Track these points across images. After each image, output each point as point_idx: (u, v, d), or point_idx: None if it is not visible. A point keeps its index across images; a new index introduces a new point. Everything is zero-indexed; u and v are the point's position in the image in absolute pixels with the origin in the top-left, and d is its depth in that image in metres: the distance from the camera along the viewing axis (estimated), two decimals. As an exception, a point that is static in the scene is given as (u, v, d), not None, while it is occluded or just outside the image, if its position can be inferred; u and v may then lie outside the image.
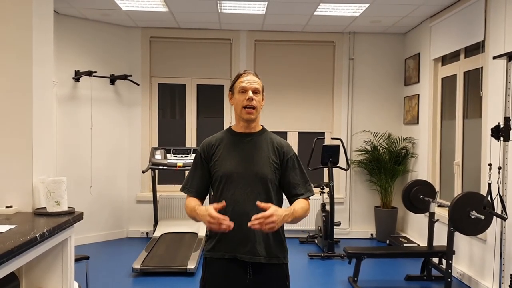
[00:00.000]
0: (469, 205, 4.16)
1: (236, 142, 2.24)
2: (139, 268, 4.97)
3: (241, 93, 2.20)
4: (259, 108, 2.23)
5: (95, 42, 6.38)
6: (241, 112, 2.20)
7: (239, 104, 2.20)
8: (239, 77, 2.25)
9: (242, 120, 2.23)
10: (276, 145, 2.25)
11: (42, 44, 3.05)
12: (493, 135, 3.90)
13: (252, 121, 2.23)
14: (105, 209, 6.56)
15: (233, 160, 2.19)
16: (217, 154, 2.22)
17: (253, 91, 2.19)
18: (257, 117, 2.24)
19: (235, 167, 2.17)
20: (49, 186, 2.76)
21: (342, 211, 6.89)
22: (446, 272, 4.53)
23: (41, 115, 3.00)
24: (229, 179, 2.17)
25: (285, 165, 2.23)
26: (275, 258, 2.17)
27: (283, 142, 2.29)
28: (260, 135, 2.27)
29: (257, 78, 2.24)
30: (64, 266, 2.73)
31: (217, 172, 2.20)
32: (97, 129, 6.41)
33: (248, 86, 2.19)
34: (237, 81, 2.24)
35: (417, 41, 6.40)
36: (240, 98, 2.20)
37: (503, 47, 4.30)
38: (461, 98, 5.29)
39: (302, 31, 6.76)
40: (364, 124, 6.93)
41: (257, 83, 2.22)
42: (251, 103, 2.17)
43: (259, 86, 2.22)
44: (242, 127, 2.26)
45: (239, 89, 2.21)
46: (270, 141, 2.26)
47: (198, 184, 2.26)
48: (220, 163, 2.20)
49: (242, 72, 2.27)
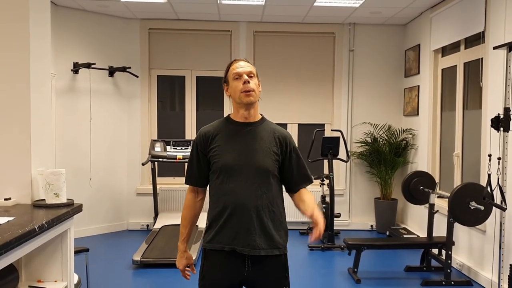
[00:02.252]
0: (468, 196, 4.16)
1: (235, 132, 2.18)
2: (140, 260, 4.99)
3: (236, 80, 2.15)
4: (258, 92, 2.17)
5: (93, 33, 6.35)
6: (240, 96, 2.14)
7: (237, 91, 2.14)
8: (230, 65, 2.21)
9: (242, 107, 2.17)
10: (277, 135, 2.20)
11: (40, 36, 3.03)
12: (493, 125, 3.89)
13: (252, 105, 2.16)
14: (105, 202, 6.57)
15: (232, 151, 2.14)
16: (215, 145, 2.17)
17: (247, 75, 2.14)
18: (256, 102, 2.18)
19: (235, 159, 2.12)
20: (48, 178, 2.75)
21: (342, 202, 6.90)
22: (446, 263, 4.54)
23: (39, 107, 2.99)
24: (229, 171, 2.12)
25: (286, 156, 2.20)
26: (276, 249, 2.15)
27: (284, 132, 2.25)
28: (260, 125, 2.21)
29: (249, 63, 2.20)
30: (64, 258, 2.73)
31: (216, 163, 2.15)
32: (96, 121, 6.40)
33: (242, 71, 2.14)
34: (229, 69, 2.20)
35: (417, 32, 6.37)
36: (237, 84, 2.14)
37: (503, 38, 4.27)
38: (461, 89, 5.27)
39: (302, 22, 6.73)
40: (364, 115, 6.91)
41: (250, 67, 2.17)
42: (248, 86, 2.12)
43: (253, 70, 2.17)
44: (242, 116, 2.19)
45: (233, 75, 2.16)
46: (271, 131, 2.21)
47: (199, 175, 2.24)
48: (219, 154, 2.14)
49: (232, 60, 2.23)
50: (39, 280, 2.71)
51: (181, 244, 2.29)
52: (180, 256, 2.30)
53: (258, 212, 2.11)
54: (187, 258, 2.31)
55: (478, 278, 4.64)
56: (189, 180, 2.27)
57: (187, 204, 2.29)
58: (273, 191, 2.16)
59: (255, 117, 2.22)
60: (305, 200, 2.19)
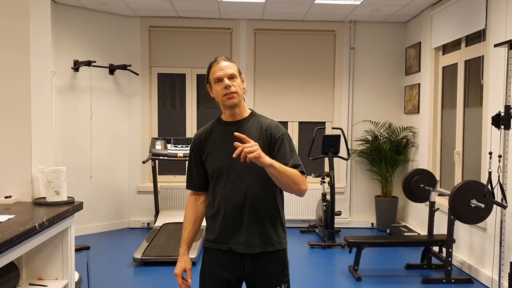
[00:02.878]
0: (469, 193, 4.16)
1: (224, 132, 2.17)
2: (140, 258, 4.99)
3: (218, 83, 2.13)
4: (241, 92, 2.15)
5: (94, 31, 6.34)
6: (223, 100, 2.12)
7: (219, 94, 2.13)
8: (210, 67, 2.18)
9: (226, 108, 2.16)
10: (264, 128, 2.16)
11: (40, 34, 3.03)
12: (494, 123, 3.88)
13: (236, 106, 2.14)
14: (106, 200, 6.57)
15: (223, 152, 2.14)
16: (207, 148, 2.19)
17: (229, 78, 2.11)
18: (240, 101, 2.16)
19: (223, 161, 2.13)
20: (48, 176, 2.75)
21: (343, 200, 6.90)
22: (446, 261, 4.54)
23: (39, 105, 2.99)
24: (220, 174, 2.14)
25: (273, 147, 2.14)
26: (270, 246, 2.14)
27: (271, 123, 2.19)
28: (248, 121, 2.19)
29: (229, 62, 2.16)
30: (65, 256, 2.73)
31: (208, 166, 2.18)
32: (96, 119, 6.40)
33: (222, 74, 2.11)
34: (210, 72, 2.17)
35: (418, 30, 6.36)
36: (218, 89, 2.12)
37: (504, 35, 4.27)
38: (462, 87, 5.26)
39: (302, 20, 6.72)
40: (365, 113, 6.91)
41: (231, 68, 2.13)
42: (229, 89, 2.10)
43: (234, 71, 2.13)
44: (229, 116, 2.19)
45: (215, 79, 2.14)
46: (259, 125, 2.18)
47: (198, 180, 2.26)
48: (210, 157, 2.17)
49: (212, 61, 2.19)
50: (40, 278, 2.71)
51: (181, 248, 2.26)
52: (179, 260, 2.26)
53: (250, 210, 2.11)
54: (184, 262, 2.24)
55: (479, 276, 4.64)
56: (189, 185, 2.30)
57: (188, 207, 2.31)
58: (266, 188, 2.14)
59: (242, 114, 2.20)
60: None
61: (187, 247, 2.26)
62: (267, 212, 2.15)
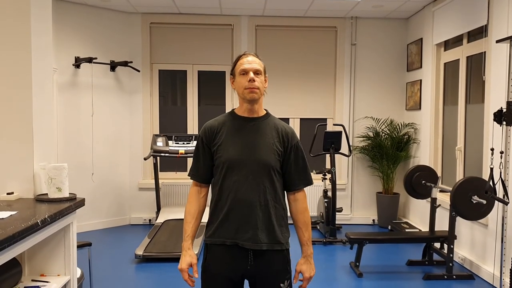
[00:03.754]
0: (471, 190, 4.16)
1: (239, 127, 2.18)
2: (142, 254, 5.00)
3: (242, 75, 2.14)
4: (262, 89, 2.17)
5: (95, 28, 6.34)
6: (244, 92, 2.14)
7: (241, 87, 2.14)
8: (239, 59, 2.19)
9: (245, 102, 2.17)
10: (281, 131, 2.20)
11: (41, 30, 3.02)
12: (496, 119, 3.88)
13: (256, 101, 2.16)
14: (107, 196, 6.58)
15: (235, 146, 2.14)
16: (219, 139, 2.17)
17: (254, 72, 2.13)
18: (260, 98, 2.18)
19: (237, 153, 2.13)
20: (50, 172, 2.75)
21: (344, 197, 6.90)
22: (448, 257, 4.55)
23: (41, 102, 2.99)
24: (231, 166, 2.13)
25: (288, 152, 2.19)
26: (278, 245, 2.16)
27: (287, 128, 2.24)
28: (263, 120, 2.21)
29: (258, 59, 2.19)
30: (67, 252, 2.73)
31: (219, 158, 2.15)
32: (98, 116, 6.40)
33: (249, 68, 2.13)
34: (237, 64, 2.18)
35: (420, 26, 6.35)
36: (242, 81, 2.14)
37: (506, 31, 4.25)
38: (464, 83, 5.26)
39: (303, 16, 6.71)
40: (366, 110, 6.90)
41: (258, 64, 2.16)
42: (253, 84, 2.12)
43: (260, 68, 2.16)
44: (246, 111, 2.20)
45: (240, 71, 2.15)
46: (274, 126, 2.20)
47: (204, 171, 2.24)
48: (222, 149, 2.15)
49: (242, 54, 2.21)
50: (42, 274, 2.72)
51: (185, 242, 2.19)
52: (183, 254, 2.19)
53: (260, 207, 2.12)
54: (190, 256, 2.18)
55: (480, 272, 4.64)
56: (194, 176, 2.26)
57: (191, 199, 2.26)
58: (276, 187, 2.16)
59: (259, 112, 2.22)
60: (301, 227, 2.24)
61: (191, 241, 2.22)
62: (275, 210, 2.16)
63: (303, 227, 2.22)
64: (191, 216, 2.23)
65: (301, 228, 2.22)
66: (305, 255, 2.22)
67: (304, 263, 2.21)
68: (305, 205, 2.24)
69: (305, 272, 2.20)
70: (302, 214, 2.22)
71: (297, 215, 2.23)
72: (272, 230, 2.14)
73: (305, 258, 2.22)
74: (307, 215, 2.24)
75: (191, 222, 2.23)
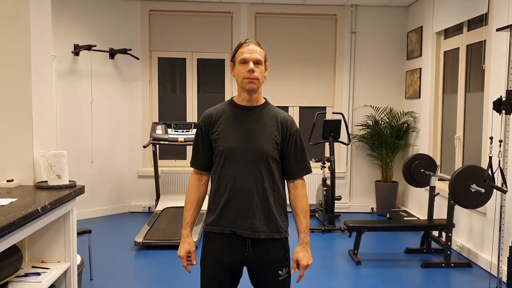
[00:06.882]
0: (469, 178, 4.17)
1: (238, 115, 2.17)
2: (141, 241, 5.03)
3: (242, 65, 2.12)
4: (262, 79, 2.15)
5: (94, 15, 6.30)
6: (242, 82, 2.12)
7: (240, 76, 2.12)
8: (239, 47, 2.16)
9: (244, 91, 2.16)
10: (279, 120, 2.19)
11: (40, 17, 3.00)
12: (495, 108, 3.88)
13: (254, 91, 2.15)
14: (107, 184, 6.60)
15: (234, 135, 2.14)
16: (218, 127, 2.17)
17: (254, 62, 2.10)
18: (259, 88, 2.16)
19: (236, 142, 2.12)
20: (50, 159, 2.76)
21: (343, 185, 6.92)
22: (446, 245, 4.57)
23: (40, 89, 2.98)
24: (230, 155, 2.13)
25: (286, 141, 2.18)
26: (277, 233, 2.17)
27: (287, 116, 2.23)
28: (263, 109, 2.20)
29: (259, 48, 2.15)
30: (67, 239, 2.75)
31: (218, 146, 2.15)
32: (97, 103, 6.39)
33: (249, 57, 2.10)
34: (238, 52, 2.15)
35: (420, 14, 6.32)
36: (241, 70, 2.12)
37: (506, 20, 4.24)
38: (464, 71, 5.24)
39: (303, 3, 6.67)
40: (366, 98, 6.89)
41: (258, 53, 2.13)
42: (252, 74, 2.10)
43: (261, 57, 2.13)
44: (244, 100, 2.18)
45: (240, 60, 2.12)
46: (273, 115, 2.19)
47: (203, 159, 2.24)
48: (221, 137, 2.15)
49: (243, 42, 2.17)
50: (43, 261, 2.74)
51: (184, 229, 2.22)
52: (182, 241, 2.22)
53: (258, 196, 2.12)
54: (189, 244, 2.22)
55: (478, 260, 4.67)
56: (194, 163, 2.26)
57: (191, 187, 2.27)
58: (275, 176, 2.16)
59: (258, 101, 2.21)
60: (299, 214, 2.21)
61: (191, 228, 2.24)
62: (274, 198, 2.16)
63: (301, 214, 2.21)
64: (190, 204, 2.25)
65: (300, 215, 2.21)
66: (302, 243, 2.21)
67: (300, 251, 2.20)
68: (304, 193, 2.24)
69: (302, 260, 2.19)
70: (301, 201, 2.22)
71: (295, 202, 2.22)
72: (271, 219, 2.15)
73: (301, 245, 2.21)
74: (306, 203, 2.23)
75: (191, 210, 2.24)
